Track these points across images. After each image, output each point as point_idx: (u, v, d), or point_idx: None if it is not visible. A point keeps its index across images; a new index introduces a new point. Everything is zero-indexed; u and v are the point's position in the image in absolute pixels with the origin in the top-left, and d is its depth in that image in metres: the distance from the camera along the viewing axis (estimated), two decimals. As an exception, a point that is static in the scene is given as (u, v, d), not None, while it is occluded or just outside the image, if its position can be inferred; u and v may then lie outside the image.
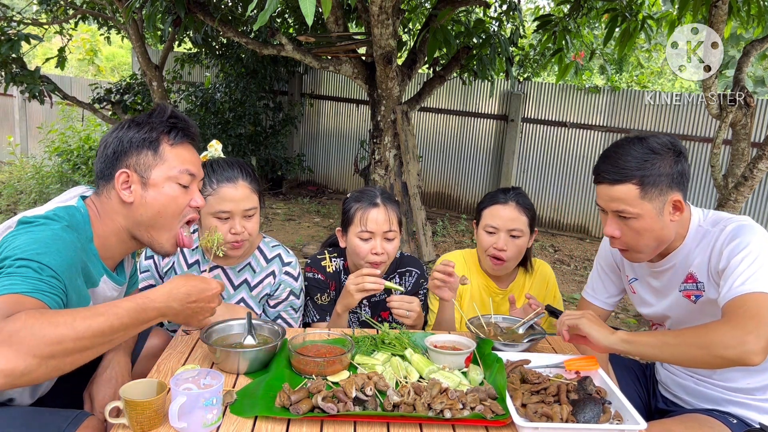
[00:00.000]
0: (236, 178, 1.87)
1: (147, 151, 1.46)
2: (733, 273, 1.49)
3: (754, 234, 1.53)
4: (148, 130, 1.47)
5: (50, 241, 1.31)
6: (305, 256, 5.47)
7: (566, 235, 7.21)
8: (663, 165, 1.57)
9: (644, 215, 1.59)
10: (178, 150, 1.50)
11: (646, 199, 1.57)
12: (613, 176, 1.58)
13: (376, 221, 2.01)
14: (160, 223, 1.49)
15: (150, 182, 1.46)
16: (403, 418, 1.35)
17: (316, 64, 5.17)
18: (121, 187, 1.45)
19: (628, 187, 1.57)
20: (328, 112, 8.73)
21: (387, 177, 5.23)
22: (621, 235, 1.65)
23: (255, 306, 2.01)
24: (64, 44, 7.14)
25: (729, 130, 3.69)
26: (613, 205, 1.61)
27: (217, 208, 1.83)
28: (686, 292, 1.69)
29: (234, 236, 1.85)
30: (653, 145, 1.59)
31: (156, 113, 1.51)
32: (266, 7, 1.77)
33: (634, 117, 6.80)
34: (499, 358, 1.59)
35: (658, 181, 1.57)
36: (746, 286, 1.44)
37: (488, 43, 5.43)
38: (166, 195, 1.47)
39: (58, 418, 1.34)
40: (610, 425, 1.35)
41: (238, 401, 1.40)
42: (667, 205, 1.60)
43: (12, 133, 9.94)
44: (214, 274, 1.98)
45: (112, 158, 1.47)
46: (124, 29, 6.97)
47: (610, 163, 1.60)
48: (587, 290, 2.03)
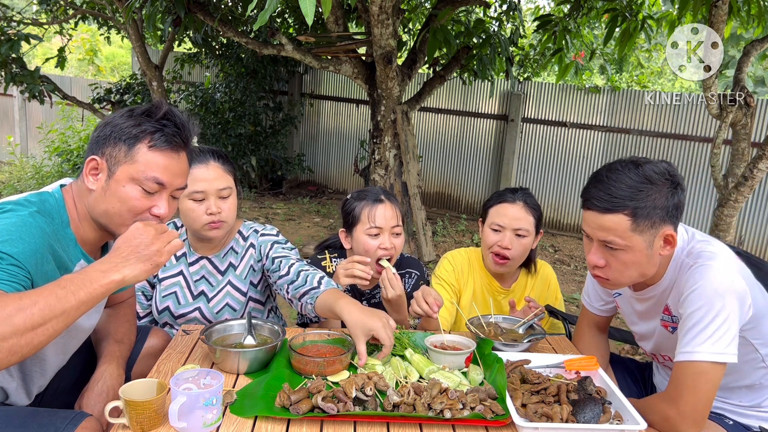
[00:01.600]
0: (207, 160, 1.90)
1: (122, 145, 1.40)
2: (682, 331, 1.48)
3: (711, 282, 1.45)
4: (135, 124, 1.41)
5: (13, 228, 1.29)
6: (305, 256, 5.47)
7: (566, 235, 7.21)
8: (658, 197, 1.46)
9: (633, 248, 1.48)
10: (155, 154, 1.41)
11: (637, 231, 1.46)
12: (604, 204, 1.47)
13: (384, 216, 2.04)
14: (115, 219, 1.43)
15: (114, 177, 1.40)
16: (403, 418, 1.35)
17: (316, 64, 5.17)
18: (88, 172, 1.42)
19: (619, 218, 1.46)
20: (328, 112, 8.73)
21: (387, 177, 5.23)
22: (605, 265, 1.55)
23: (242, 285, 2.04)
24: (64, 44, 7.14)
25: (729, 130, 3.69)
26: (601, 234, 1.50)
27: (191, 188, 1.85)
28: (664, 323, 1.65)
29: (210, 216, 1.87)
30: (650, 173, 1.47)
31: (152, 110, 1.45)
32: (266, 7, 1.77)
33: (634, 117, 6.80)
34: (499, 358, 1.59)
35: (652, 214, 1.45)
36: (685, 351, 1.44)
37: (488, 43, 5.43)
38: (124, 193, 1.41)
39: (56, 419, 1.34)
40: (610, 425, 1.35)
41: (238, 401, 1.40)
42: (657, 239, 1.49)
43: (12, 133, 9.94)
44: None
45: (94, 142, 1.43)
46: (124, 29, 6.97)
47: (601, 189, 1.48)
48: (584, 295, 1.98)
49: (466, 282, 2.27)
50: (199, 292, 2.03)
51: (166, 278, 2.03)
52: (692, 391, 1.42)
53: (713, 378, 1.42)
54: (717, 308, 1.42)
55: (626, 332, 2.51)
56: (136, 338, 1.84)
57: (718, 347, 1.41)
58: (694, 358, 1.42)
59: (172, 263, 2.05)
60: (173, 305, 2.03)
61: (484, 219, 2.24)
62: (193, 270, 2.04)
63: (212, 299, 2.03)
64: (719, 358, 1.41)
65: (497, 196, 2.22)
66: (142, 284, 2.05)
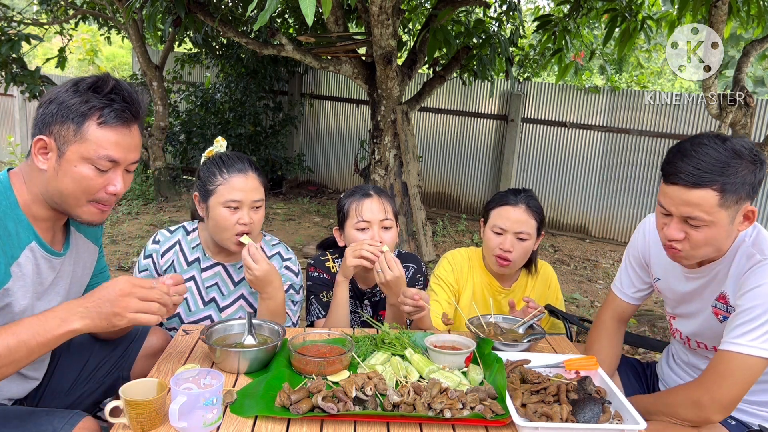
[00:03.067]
0: (247, 170, 1.91)
1: (70, 124, 1.34)
2: (733, 321, 1.48)
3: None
4: (81, 101, 1.34)
5: None
6: (305, 256, 5.47)
7: (566, 235, 7.21)
8: (747, 172, 1.42)
9: (717, 224, 1.44)
10: (106, 131, 1.36)
11: (724, 207, 1.42)
12: (694, 179, 1.41)
13: (371, 210, 2.03)
14: (69, 199, 1.39)
15: (65, 157, 1.35)
16: (403, 418, 1.35)
17: (316, 64, 5.17)
18: (37, 152, 1.37)
19: (708, 193, 1.41)
20: (328, 112, 8.73)
21: (387, 177, 5.23)
22: (684, 239, 1.51)
23: (255, 302, 2.01)
24: (64, 44, 7.14)
25: (729, 130, 3.69)
26: (686, 209, 1.45)
27: (228, 197, 1.85)
28: (716, 310, 1.63)
29: (242, 227, 1.87)
30: (738, 147, 1.42)
31: (98, 84, 1.37)
32: (266, 7, 1.77)
33: (634, 117, 6.80)
34: (499, 358, 1.59)
35: (740, 190, 1.41)
36: (734, 342, 1.45)
37: (488, 43, 5.43)
38: (77, 173, 1.36)
39: (54, 419, 1.34)
40: (610, 425, 1.35)
41: (238, 401, 1.40)
42: (739, 215, 1.46)
43: (12, 133, 9.94)
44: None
45: (40, 119, 1.37)
46: (124, 29, 6.98)
47: (689, 163, 1.42)
48: (615, 283, 1.95)
49: (465, 282, 2.27)
50: (210, 299, 2.01)
51: None
52: (733, 381, 1.43)
53: (755, 373, 1.44)
54: None
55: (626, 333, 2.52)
56: (136, 337, 1.84)
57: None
58: (744, 351, 1.43)
59: (183, 268, 2.02)
60: (184, 312, 1.99)
61: (486, 220, 2.23)
62: (206, 276, 2.01)
63: (224, 309, 2.01)
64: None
65: (499, 198, 2.21)
66: None
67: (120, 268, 4.92)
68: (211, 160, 1.94)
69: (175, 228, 2.07)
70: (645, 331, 4.34)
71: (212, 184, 1.88)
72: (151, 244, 2.02)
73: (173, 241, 2.03)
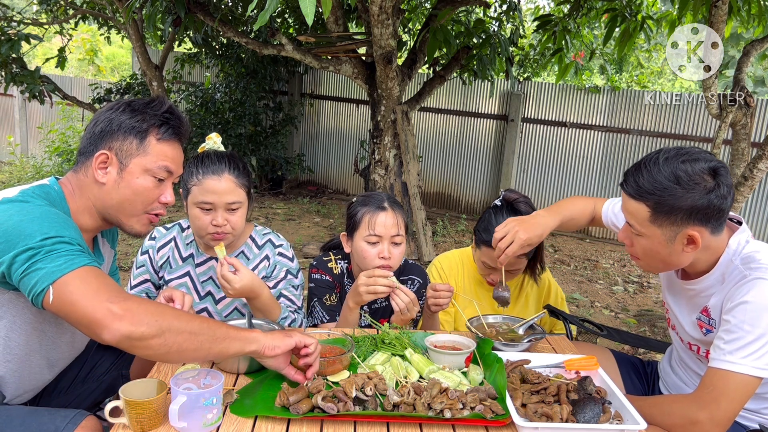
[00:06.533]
0: (222, 171, 1.86)
1: (133, 139, 1.49)
2: (724, 338, 1.48)
3: (765, 297, 1.45)
4: (140, 119, 1.50)
5: (53, 217, 1.34)
6: (305, 256, 5.47)
7: (566, 235, 7.21)
8: (684, 198, 1.45)
9: (651, 238, 1.53)
10: (163, 146, 1.52)
11: (656, 224, 1.50)
12: (631, 190, 1.52)
13: (385, 225, 1.96)
14: (127, 209, 1.52)
15: (127, 169, 1.49)
16: (403, 418, 1.35)
17: (316, 64, 5.17)
18: (97, 167, 1.48)
19: (641, 207, 1.51)
20: (328, 112, 8.73)
21: (387, 177, 5.23)
22: (630, 246, 1.62)
23: None
24: (64, 44, 7.14)
25: (729, 130, 3.69)
26: (627, 215, 1.57)
27: (200, 198, 1.85)
28: (700, 323, 1.65)
29: (215, 228, 1.86)
30: (681, 173, 1.45)
31: (154, 104, 1.53)
32: (266, 7, 1.77)
33: (634, 117, 6.80)
34: (499, 358, 1.59)
35: (673, 212, 1.47)
36: (726, 360, 1.45)
37: (488, 43, 5.43)
38: (138, 185, 1.50)
39: (57, 418, 1.34)
40: (610, 425, 1.36)
41: (238, 401, 1.40)
42: (680, 236, 1.50)
43: (12, 133, 9.94)
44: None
45: (98, 137, 1.49)
46: (124, 29, 6.97)
47: (633, 175, 1.53)
48: None
49: (457, 282, 2.27)
50: (206, 293, 2.03)
51: (173, 279, 2.02)
52: (730, 400, 1.44)
53: (750, 390, 1.46)
54: (765, 324, 1.43)
55: (626, 333, 2.52)
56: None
57: (762, 362, 1.43)
58: (739, 369, 1.44)
59: (178, 264, 2.03)
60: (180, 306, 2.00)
61: (477, 241, 2.18)
62: (200, 271, 2.03)
63: (220, 301, 2.03)
64: (762, 374, 1.44)
65: (485, 233, 2.08)
66: (146, 287, 2.04)
67: (120, 268, 4.93)
68: (192, 159, 1.93)
69: (171, 225, 2.10)
70: (645, 331, 4.34)
71: (189, 184, 1.88)
72: (148, 240, 2.05)
73: (169, 238, 2.06)
